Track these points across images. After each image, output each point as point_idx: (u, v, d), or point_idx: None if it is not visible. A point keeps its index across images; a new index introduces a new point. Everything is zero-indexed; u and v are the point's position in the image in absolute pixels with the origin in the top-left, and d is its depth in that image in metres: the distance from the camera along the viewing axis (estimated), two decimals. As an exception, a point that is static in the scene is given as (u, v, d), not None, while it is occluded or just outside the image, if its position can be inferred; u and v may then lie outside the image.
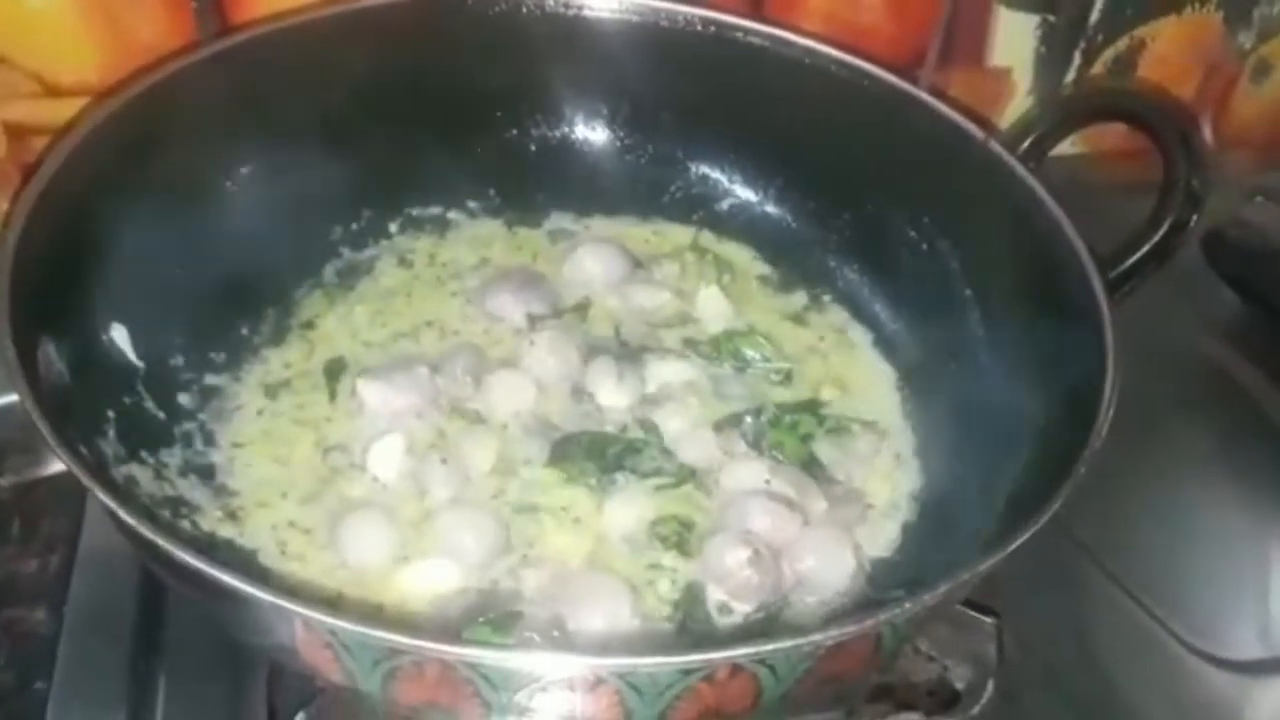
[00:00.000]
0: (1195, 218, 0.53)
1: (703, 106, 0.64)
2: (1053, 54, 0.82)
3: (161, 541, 0.37)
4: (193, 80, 0.54)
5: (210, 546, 0.47)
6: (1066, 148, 0.70)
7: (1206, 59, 0.85)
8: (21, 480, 0.52)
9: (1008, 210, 0.55)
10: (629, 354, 0.58)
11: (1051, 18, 0.80)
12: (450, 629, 0.46)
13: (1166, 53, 0.84)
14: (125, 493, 0.45)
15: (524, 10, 0.62)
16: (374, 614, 0.47)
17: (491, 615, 0.47)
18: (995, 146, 0.56)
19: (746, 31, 0.62)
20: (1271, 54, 0.86)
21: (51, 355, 0.45)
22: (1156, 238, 0.53)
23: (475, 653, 0.37)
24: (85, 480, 0.38)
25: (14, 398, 0.40)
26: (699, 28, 0.62)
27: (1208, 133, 0.90)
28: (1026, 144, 0.57)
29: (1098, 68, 0.83)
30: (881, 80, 0.60)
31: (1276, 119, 0.89)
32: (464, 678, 0.36)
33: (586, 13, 0.62)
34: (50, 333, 0.45)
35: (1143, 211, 0.55)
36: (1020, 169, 0.55)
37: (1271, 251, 0.71)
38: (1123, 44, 0.83)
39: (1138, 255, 0.53)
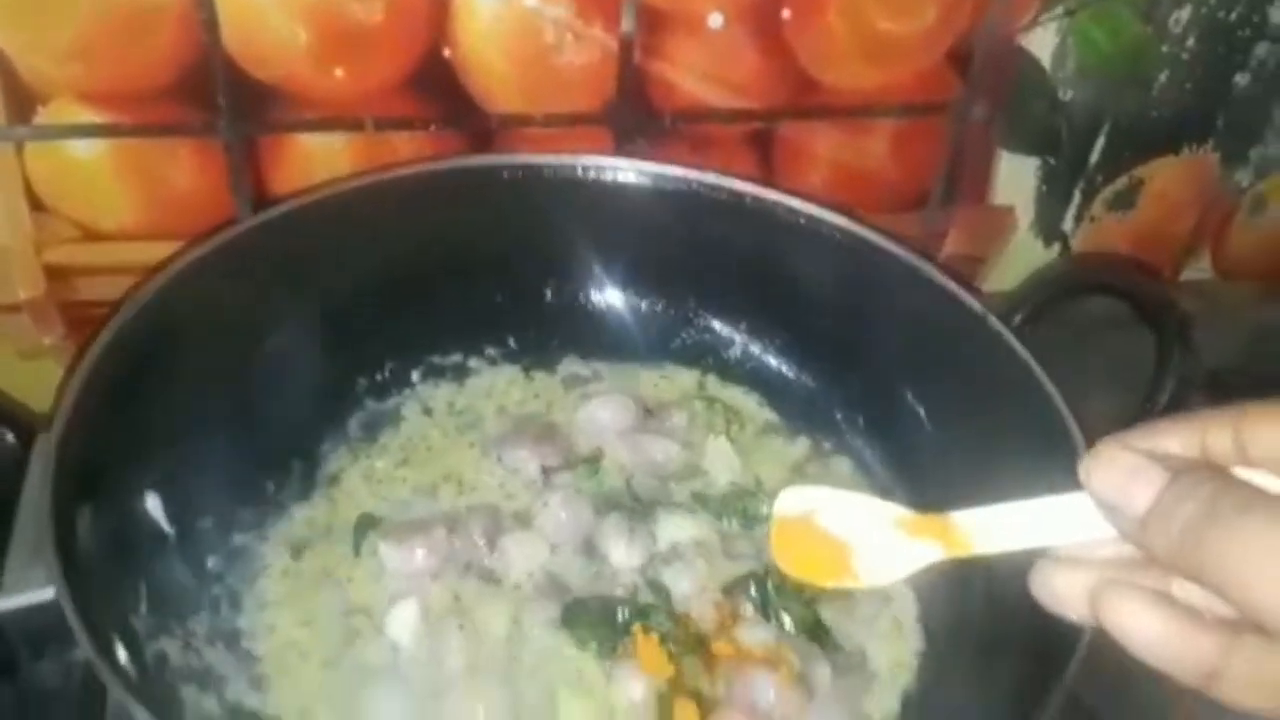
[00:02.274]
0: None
1: (713, 265, 0.67)
2: (1054, 192, 0.85)
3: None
4: (230, 255, 0.57)
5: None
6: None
7: (1204, 196, 0.88)
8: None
9: (1002, 385, 0.57)
10: (640, 509, 0.60)
11: (1052, 160, 0.83)
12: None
13: (1165, 190, 0.87)
14: (155, 673, 0.47)
15: (545, 175, 0.65)
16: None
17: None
18: (993, 321, 0.58)
19: (755, 198, 0.65)
20: (1268, 190, 0.89)
21: (87, 534, 0.47)
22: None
23: None
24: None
25: (51, 594, 0.43)
26: (713, 193, 0.65)
27: (1207, 263, 0.92)
28: (1019, 318, 0.59)
29: (1097, 205, 0.86)
30: (882, 249, 0.62)
31: (1274, 250, 0.92)
32: None
33: (607, 177, 0.65)
34: (87, 513, 0.48)
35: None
36: (1016, 344, 0.57)
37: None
38: (1122, 183, 0.86)
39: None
